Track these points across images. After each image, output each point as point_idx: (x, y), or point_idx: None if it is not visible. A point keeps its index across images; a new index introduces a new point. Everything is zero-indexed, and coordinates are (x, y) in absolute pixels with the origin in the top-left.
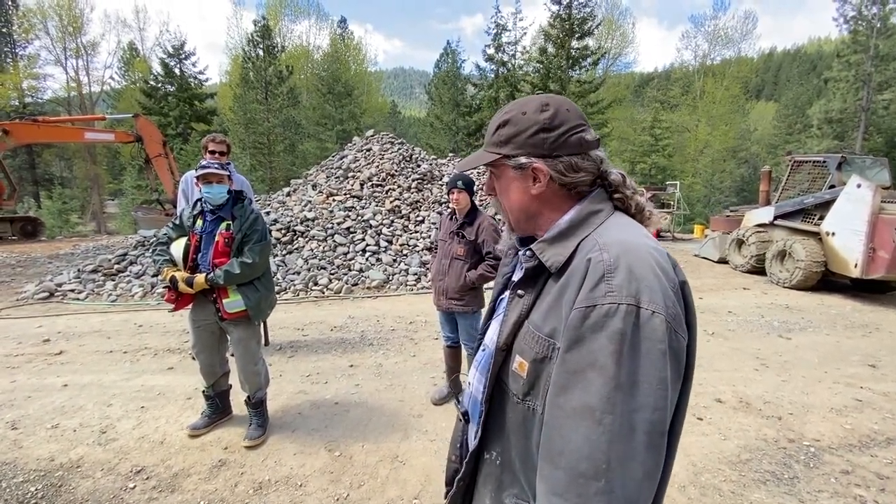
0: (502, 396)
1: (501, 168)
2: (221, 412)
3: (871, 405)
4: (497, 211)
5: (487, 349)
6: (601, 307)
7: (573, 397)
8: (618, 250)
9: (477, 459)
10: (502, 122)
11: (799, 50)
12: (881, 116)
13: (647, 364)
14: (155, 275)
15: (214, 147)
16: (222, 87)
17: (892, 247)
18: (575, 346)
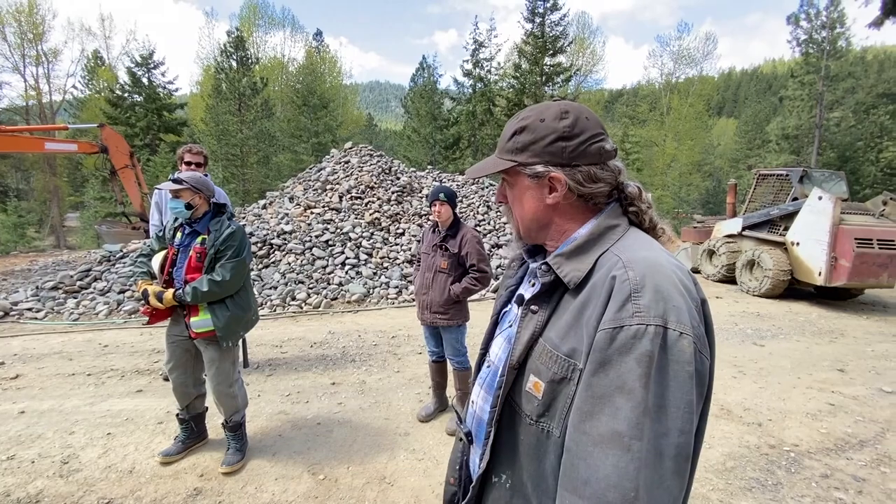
0: (513, 417)
1: (516, 176)
2: (196, 437)
3: (843, 409)
4: (507, 218)
5: (493, 366)
6: (629, 328)
7: (601, 423)
8: (643, 269)
9: (483, 482)
10: (519, 128)
11: (756, 70)
12: (833, 133)
13: (675, 387)
14: (121, 292)
15: (191, 158)
16: (193, 98)
17: (852, 256)
18: (601, 369)
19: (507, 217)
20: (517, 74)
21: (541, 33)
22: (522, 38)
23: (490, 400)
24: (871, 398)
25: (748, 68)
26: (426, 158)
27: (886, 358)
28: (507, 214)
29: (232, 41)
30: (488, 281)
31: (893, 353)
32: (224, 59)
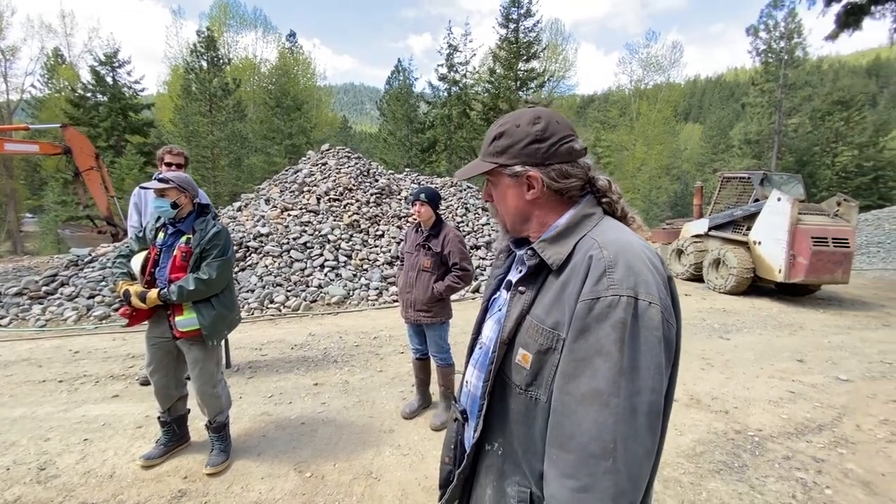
0: (504, 389)
1: (498, 176)
2: (179, 439)
3: (802, 396)
4: (493, 215)
5: (485, 346)
6: (605, 299)
7: (582, 383)
8: (616, 248)
9: (477, 452)
10: (498, 133)
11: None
12: (791, 138)
13: (646, 350)
14: (90, 297)
15: (171, 159)
16: (161, 98)
17: (809, 253)
18: (581, 335)
19: (493, 213)
20: (492, 79)
21: (515, 39)
22: (497, 44)
23: (482, 376)
24: (828, 386)
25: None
26: (403, 161)
27: (842, 349)
28: (493, 211)
29: (202, 41)
30: (470, 279)
31: (848, 344)
32: (194, 59)
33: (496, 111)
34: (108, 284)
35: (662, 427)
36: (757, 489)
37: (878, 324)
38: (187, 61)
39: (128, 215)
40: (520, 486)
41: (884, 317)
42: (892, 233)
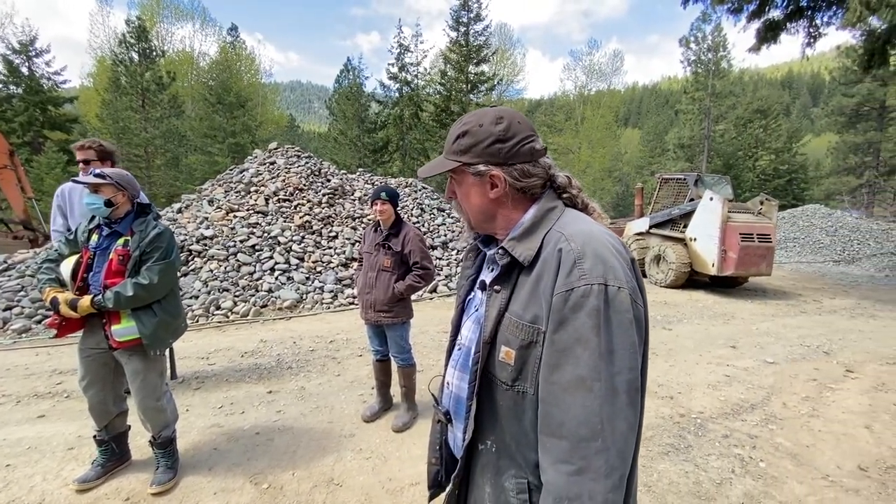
0: (491, 387)
1: (462, 175)
2: (118, 458)
3: (736, 379)
4: (458, 213)
5: (465, 347)
6: (578, 289)
7: (566, 372)
8: (582, 239)
9: (469, 452)
10: (461, 132)
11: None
12: (719, 143)
13: (620, 332)
14: (6, 308)
15: (81, 155)
16: (85, 92)
17: (738, 248)
18: (561, 327)
19: (458, 212)
20: (443, 81)
21: (465, 42)
22: (448, 46)
23: (466, 377)
24: (757, 369)
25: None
26: (355, 161)
27: (768, 335)
28: (458, 209)
29: (132, 31)
30: (432, 278)
31: (773, 330)
32: (123, 51)
33: (448, 113)
34: (29, 294)
35: (641, 402)
36: (701, 467)
37: (796, 311)
38: (115, 52)
39: (50, 219)
40: (517, 478)
41: (801, 304)
42: (805, 229)
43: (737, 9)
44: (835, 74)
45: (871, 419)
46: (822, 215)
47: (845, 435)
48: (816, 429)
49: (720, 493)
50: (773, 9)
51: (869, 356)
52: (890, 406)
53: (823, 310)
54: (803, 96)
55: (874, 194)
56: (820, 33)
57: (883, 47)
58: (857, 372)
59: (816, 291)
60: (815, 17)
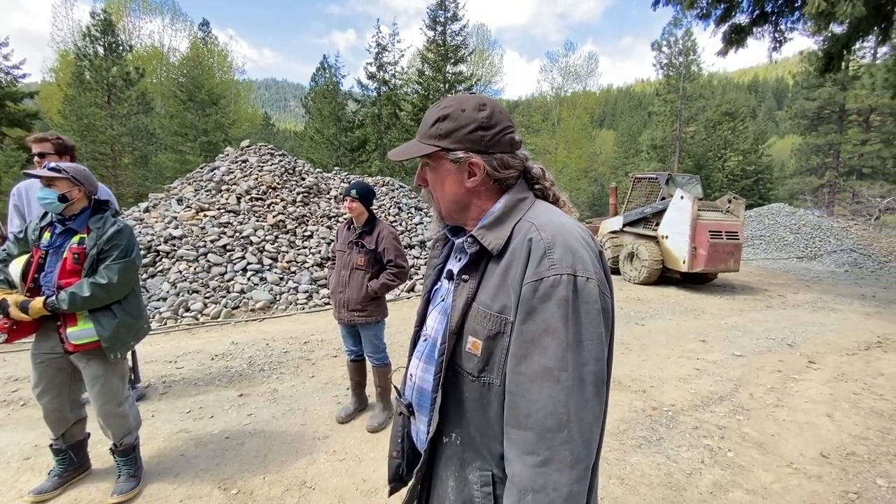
0: (456, 378)
1: (438, 160)
2: (77, 468)
3: (706, 372)
4: (427, 201)
5: (430, 338)
6: (547, 279)
7: (533, 362)
8: (552, 230)
9: (433, 445)
10: (441, 116)
11: (629, 88)
12: (690, 144)
13: (588, 323)
14: None
15: (38, 147)
16: (47, 87)
17: (707, 245)
18: (529, 317)
19: (428, 199)
20: (421, 80)
21: (443, 42)
22: (425, 45)
23: (431, 369)
24: (726, 362)
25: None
26: (331, 160)
27: (736, 328)
28: (428, 197)
29: (97, 24)
30: (406, 276)
31: (741, 324)
32: (88, 44)
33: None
34: None
35: (606, 391)
36: (672, 458)
37: (762, 306)
38: (79, 46)
39: (7, 219)
40: (481, 470)
41: (767, 300)
42: (771, 227)
43: (705, 14)
44: (798, 79)
45: (832, 408)
46: (787, 214)
47: (808, 423)
48: (781, 418)
49: (690, 483)
50: (739, 14)
51: (830, 348)
52: (849, 395)
53: (787, 304)
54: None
55: (834, 194)
56: (785, 38)
57: (841, 52)
58: (818, 363)
59: (781, 287)
60: (780, 22)
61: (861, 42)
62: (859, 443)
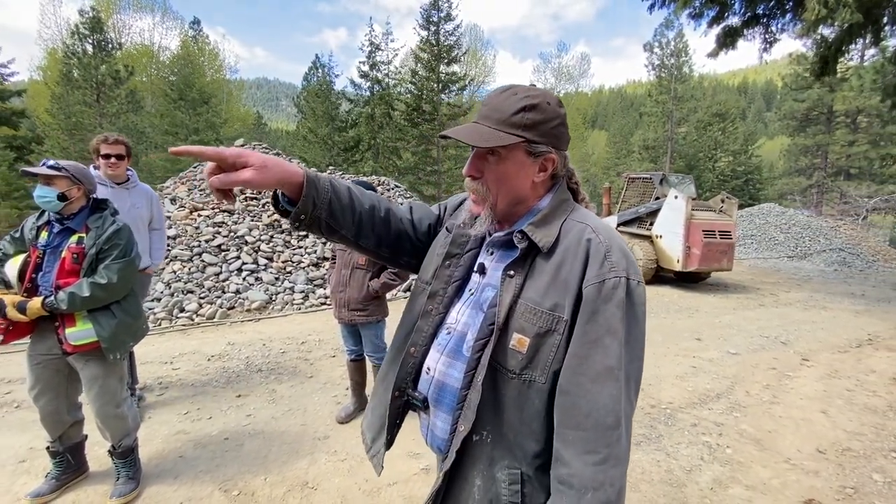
0: (493, 375)
1: (513, 151)
2: (74, 470)
3: (702, 370)
4: (476, 193)
5: (456, 332)
6: (609, 281)
7: (596, 362)
8: (607, 234)
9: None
10: (528, 105)
11: (621, 89)
12: (681, 145)
13: (636, 324)
14: None
15: (108, 149)
16: (34, 85)
17: (701, 245)
18: (593, 317)
19: (479, 191)
20: (414, 80)
21: (436, 41)
22: (418, 45)
23: (458, 364)
24: (721, 359)
25: (614, 87)
26: (325, 160)
27: (730, 327)
28: (481, 189)
29: (86, 22)
30: (407, 275)
31: (735, 322)
32: (76, 42)
33: (419, 112)
34: None
35: None
36: (672, 455)
37: (755, 304)
38: (67, 44)
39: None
40: (509, 468)
41: (759, 298)
42: (762, 227)
43: (698, 14)
44: (787, 80)
45: (826, 404)
46: (777, 213)
47: (804, 420)
48: (777, 415)
49: (690, 480)
50: (731, 15)
51: (822, 345)
52: (843, 391)
53: (780, 303)
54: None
55: (822, 194)
56: (775, 39)
57: (835, 55)
58: (812, 360)
59: (773, 285)
60: (771, 24)
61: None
62: (854, 438)
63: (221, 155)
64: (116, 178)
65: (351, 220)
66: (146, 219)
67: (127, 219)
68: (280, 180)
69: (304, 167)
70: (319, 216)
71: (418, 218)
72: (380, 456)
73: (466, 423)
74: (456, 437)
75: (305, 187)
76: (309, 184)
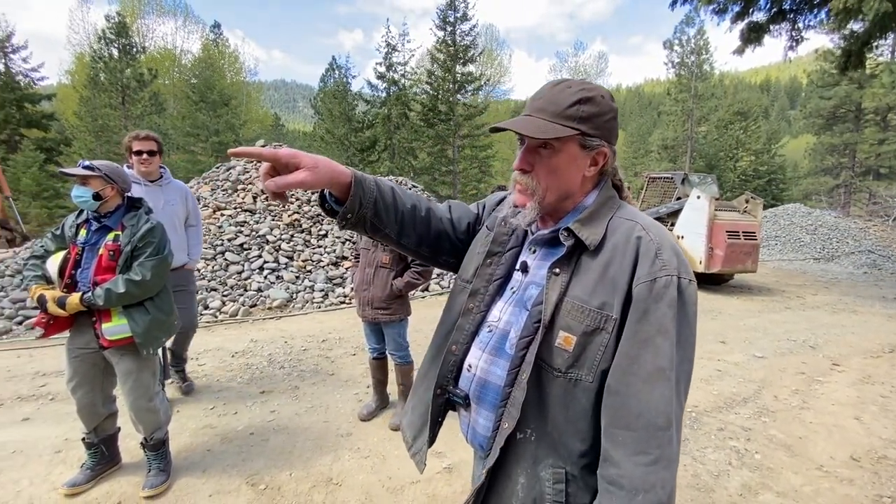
0: (538, 374)
1: (566, 144)
2: (108, 461)
3: (727, 374)
4: (526, 186)
5: (498, 330)
6: (660, 279)
7: (647, 362)
8: (657, 231)
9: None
10: (584, 98)
11: (639, 87)
12: (701, 144)
13: (687, 324)
14: None
15: (140, 146)
16: (63, 89)
17: (724, 246)
18: (644, 317)
19: (527, 184)
20: (430, 80)
21: (452, 42)
22: (435, 45)
23: (500, 362)
24: (747, 363)
25: (632, 85)
26: (342, 160)
27: (755, 330)
28: (530, 183)
29: (112, 27)
30: (430, 275)
31: (760, 325)
32: (103, 47)
33: (435, 112)
34: (10, 295)
35: None
36: (699, 460)
37: (781, 307)
38: (94, 49)
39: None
40: (554, 467)
41: (785, 300)
42: (786, 228)
43: (722, 9)
44: (813, 77)
45: (859, 410)
46: (803, 214)
47: (836, 426)
48: (808, 420)
49: (718, 485)
50: (756, 11)
51: (853, 350)
52: (877, 398)
53: (807, 306)
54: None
55: (850, 194)
56: (802, 36)
57: (860, 49)
58: (842, 365)
59: (799, 288)
60: (798, 19)
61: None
62: (890, 446)
63: (276, 155)
64: (149, 174)
65: (394, 219)
66: (181, 215)
67: (161, 217)
68: (330, 180)
69: (350, 167)
70: (365, 215)
71: (458, 217)
72: (422, 453)
73: (511, 420)
74: (500, 435)
75: (353, 187)
76: (356, 183)
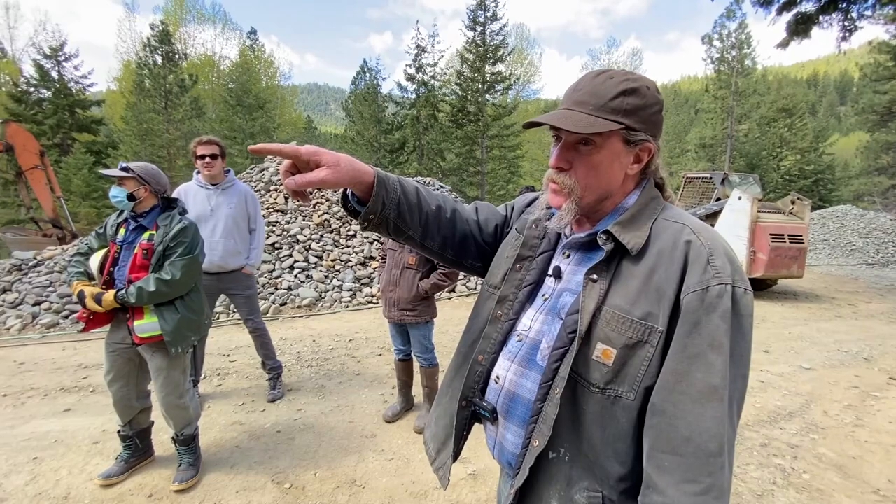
0: (572, 389)
1: (607, 139)
2: (142, 454)
3: (771, 385)
4: (562, 184)
5: (529, 340)
6: (713, 289)
7: (697, 380)
8: (707, 235)
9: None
10: (628, 89)
11: (675, 84)
12: (742, 142)
13: (742, 337)
14: (36, 304)
15: (204, 150)
16: (111, 95)
17: (768, 249)
18: (695, 329)
19: (564, 183)
20: (459, 81)
21: (482, 42)
22: (464, 46)
23: (531, 374)
24: (793, 374)
25: (668, 83)
26: (372, 162)
27: (802, 339)
28: (567, 182)
29: (156, 35)
30: (457, 277)
31: (807, 334)
32: (148, 54)
33: (464, 113)
34: (58, 290)
35: None
36: (740, 477)
37: (830, 315)
38: (140, 56)
39: None
40: (589, 490)
41: (835, 308)
42: (835, 231)
43: (766, 1)
44: (866, 71)
45: None
46: (854, 216)
47: (895, 447)
48: (862, 439)
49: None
50: (805, 1)
51: None
52: None
53: (860, 314)
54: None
55: None
56: (856, 26)
57: None
58: None
59: (850, 295)
60: (851, 9)
61: None
62: None
63: (297, 152)
64: (213, 178)
65: (418, 220)
66: (241, 218)
67: (213, 218)
68: (352, 178)
69: (373, 166)
70: (388, 216)
71: (484, 219)
72: (446, 468)
73: (541, 438)
74: (529, 454)
75: (376, 187)
76: (379, 183)
